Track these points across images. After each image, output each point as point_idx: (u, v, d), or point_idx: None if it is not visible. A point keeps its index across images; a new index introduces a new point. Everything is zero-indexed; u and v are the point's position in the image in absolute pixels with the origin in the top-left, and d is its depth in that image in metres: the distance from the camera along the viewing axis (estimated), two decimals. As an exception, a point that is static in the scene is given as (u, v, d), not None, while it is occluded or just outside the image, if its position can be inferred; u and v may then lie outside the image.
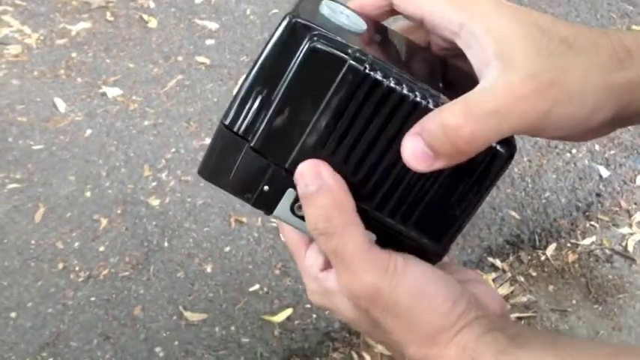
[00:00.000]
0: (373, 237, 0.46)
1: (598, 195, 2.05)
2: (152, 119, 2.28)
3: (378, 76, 0.41)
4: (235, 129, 0.44)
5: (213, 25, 2.62)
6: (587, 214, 2.02)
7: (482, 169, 0.43)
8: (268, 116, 0.43)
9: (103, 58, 2.49)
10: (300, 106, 0.42)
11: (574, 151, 2.15)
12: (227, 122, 0.44)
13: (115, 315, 1.78)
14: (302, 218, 0.46)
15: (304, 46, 0.41)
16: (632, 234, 1.97)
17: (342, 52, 0.41)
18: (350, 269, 0.43)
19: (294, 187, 0.45)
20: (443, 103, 0.40)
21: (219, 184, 0.47)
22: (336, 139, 0.43)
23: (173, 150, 2.18)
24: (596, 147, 2.16)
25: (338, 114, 0.42)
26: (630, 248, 1.93)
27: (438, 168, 0.40)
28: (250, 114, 0.43)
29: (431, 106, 0.41)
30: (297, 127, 0.43)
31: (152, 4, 2.71)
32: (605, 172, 2.10)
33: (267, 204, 0.47)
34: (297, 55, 0.41)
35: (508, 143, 0.42)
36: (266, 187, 0.46)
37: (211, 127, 2.24)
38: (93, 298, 1.82)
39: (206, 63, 2.48)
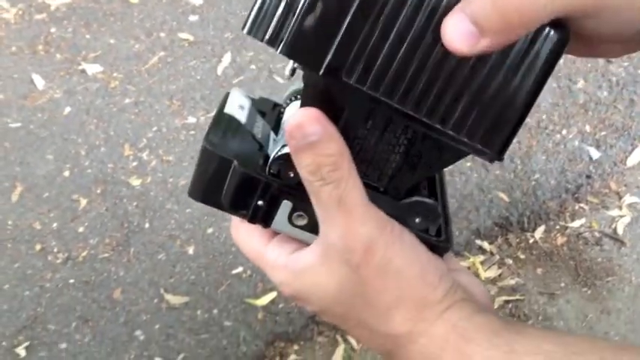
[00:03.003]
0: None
1: (588, 177, 2.02)
2: (133, 97, 2.22)
3: None
4: (259, 37, 0.40)
5: (196, 1, 2.55)
6: (576, 196, 1.99)
7: (533, 56, 0.39)
8: (296, 20, 0.39)
9: (82, 34, 2.42)
10: (330, 7, 0.39)
11: (564, 132, 2.11)
12: (246, 31, 0.40)
13: (94, 297, 1.74)
14: (302, 228, 0.47)
15: None
16: (621, 216, 1.94)
17: None
18: (351, 219, 0.42)
19: (289, 198, 0.46)
20: None
21: (212, 204, 0.47)
22: (377, 39, 0.39)
23: (155, 129, 2.13)
24: (587, 128, 2.13)
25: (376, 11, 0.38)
26: (620, 231, 1.90)
27: (483, 48, 0.36)
28: (275, 20, 0.39)
29: None
30: (331, 27, 0.39)
31: (134, -21, 2.63)
32: (595, 154, 2.06)
33: (263, 218, 0.47)
34: None
35: (560, 27, 0.38)
36: (260, 202, 0.46)
37: (194, 106, 2.19)
38: (72, 280, 1.77)
39: (189, 39, 2.42)
